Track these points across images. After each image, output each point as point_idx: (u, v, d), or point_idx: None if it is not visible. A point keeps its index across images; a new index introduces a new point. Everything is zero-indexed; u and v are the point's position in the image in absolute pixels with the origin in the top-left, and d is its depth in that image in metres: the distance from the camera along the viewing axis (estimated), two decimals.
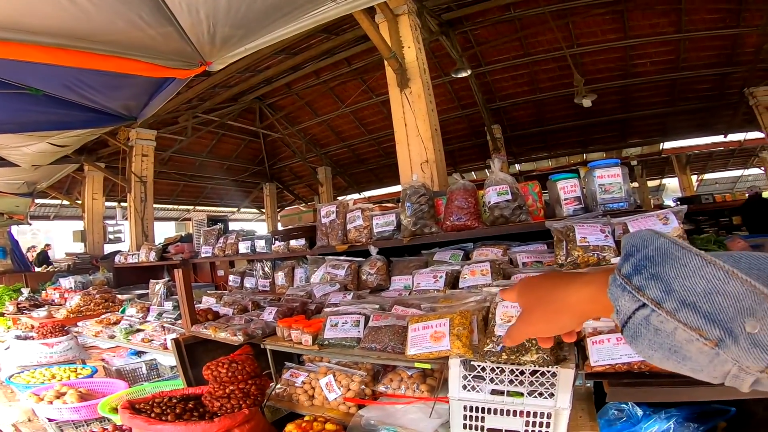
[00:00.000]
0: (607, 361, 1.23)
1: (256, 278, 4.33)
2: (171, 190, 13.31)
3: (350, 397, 1.98)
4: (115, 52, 2.33)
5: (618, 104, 10.02)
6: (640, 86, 9.36)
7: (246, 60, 6.80)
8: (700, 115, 10.34)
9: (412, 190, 3.01)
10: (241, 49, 2.60)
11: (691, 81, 9.09)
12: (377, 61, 8.05)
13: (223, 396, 1.91)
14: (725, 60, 8.38)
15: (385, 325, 1.92)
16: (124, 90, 3.06)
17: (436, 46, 7.89)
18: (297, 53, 7.74)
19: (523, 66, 9.14)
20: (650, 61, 8.65)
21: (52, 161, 5.57)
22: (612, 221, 2.30)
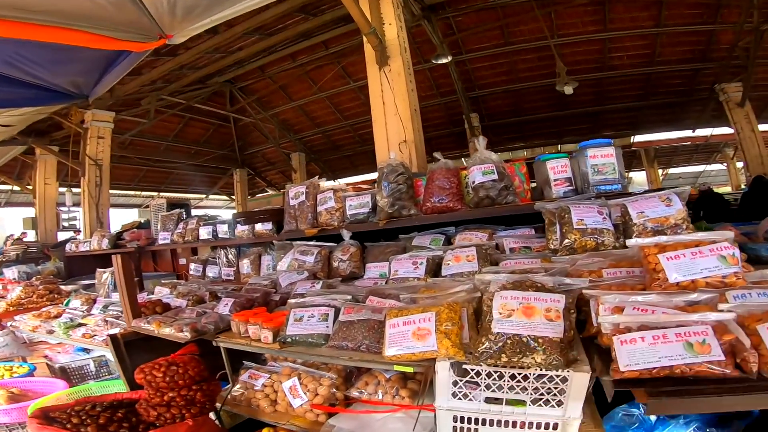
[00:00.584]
0: (642, 365, 0.98)
1: (220, 267, 3.96)
2: (133, 175, 12.53)
3: (318, 404, 1.69)
4: (57, 22, 2.10)
5: (593, 96, 10.13)
6: (615, 79, 9.49)
7: (216, 40, 6.39)
8: (671, 110, 10.62)
9: (390, 169, 2.71)
10: (206, 21, 2.36)
11: (664, 76, 9.25)
12: (356, 45, 7.78)
13: (160, 404, 1.58)
14: (699, 56, 8.52)
15: (358, 320, 1.63)
16: (72, 65, 2.78)
17: (417, 31, 7.70)
18: (272, 34, 7.27)
19: (504, 55, 9.08)
20: (627, 54, 8.75)
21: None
22: (609, 203, 2.09)
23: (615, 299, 1.16)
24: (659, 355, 0.97)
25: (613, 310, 1.15)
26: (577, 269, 1.63)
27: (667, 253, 1.25)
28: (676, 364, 0.96)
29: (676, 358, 0.96)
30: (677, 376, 0.97)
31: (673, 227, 1.80)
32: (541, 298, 1.22)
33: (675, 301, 1.12)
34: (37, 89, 2.85)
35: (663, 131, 12.20)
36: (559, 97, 9.64)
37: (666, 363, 0.96)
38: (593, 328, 1.31)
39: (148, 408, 1.60)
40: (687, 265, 1.22)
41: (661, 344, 0.98)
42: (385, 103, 4.14)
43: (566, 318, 1.20)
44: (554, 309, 1.19)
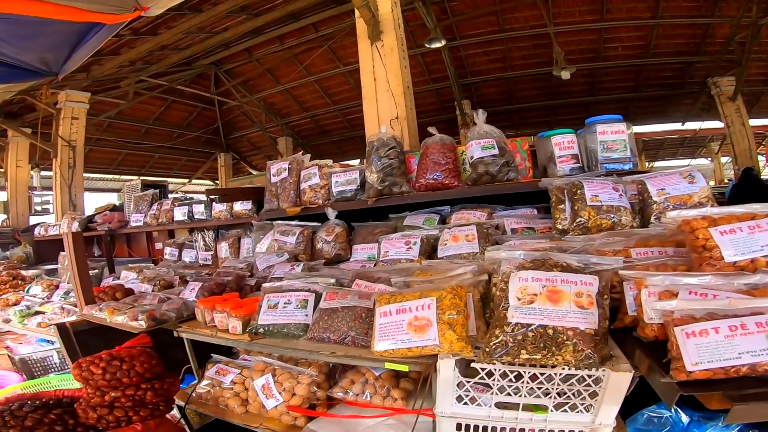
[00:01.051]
0: (716, 362, 0.74)
1: (197, 250, 3.68)
2: (112, 158, 12.01)
3: (295, 406, 1.44)
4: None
5: (585, 86, 10.04)
6: (609, 70, 9.41)
7: (200, 18, 6.04)
8: (662, 102, 10.60)
9: (380, 143, 2.46)
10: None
11: (657, 68, 9.19)
12: (347, 27, 7.51)
13: (102, 405, 1.31)
14: (693, 49, 8.47)
15: (342, 307, 1.38)
16: (39, 40, 2.55)
17: (411, 15, 7.45)
18: (259, 14, 6.93)
19: (498, 42, 8.90)
20: (622, 45, 8.65)
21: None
22: (623, 179, 1.90)
23: (664, 281, 0.93)
24: (740, 349, 0.74)
25: (661, 296, 0.92)
26: (599, 249, 1.40)
27: (720, 227, 1.02)
28: (760, 360, 0.73)
29: (760, 353, 0.73)
30: (758, 375, 0.74)
31: (696, 206, 1.60)
32: (570, 279, 0.98)
33: (737, 284, 0.89)
34: (3, 66, 2.64)
35: (653, 123, 12.28)
36: (551, 86, 9.57)
37: (748, 360, 0.73)
38: (627, 317, 1.08)
39: (87, 409, 1.34)
40: (745, 240, 0.99)
41: (740, 336, 0.75)
42: (377, 79, 3.90)
43: (600, 305, 0.97)
44: (586, 293, 0.96)
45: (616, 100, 10.53)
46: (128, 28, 5.69)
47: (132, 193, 4.62)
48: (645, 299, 0.94)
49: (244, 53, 9.24)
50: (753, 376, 0.76)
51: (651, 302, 0.91)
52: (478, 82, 10.17)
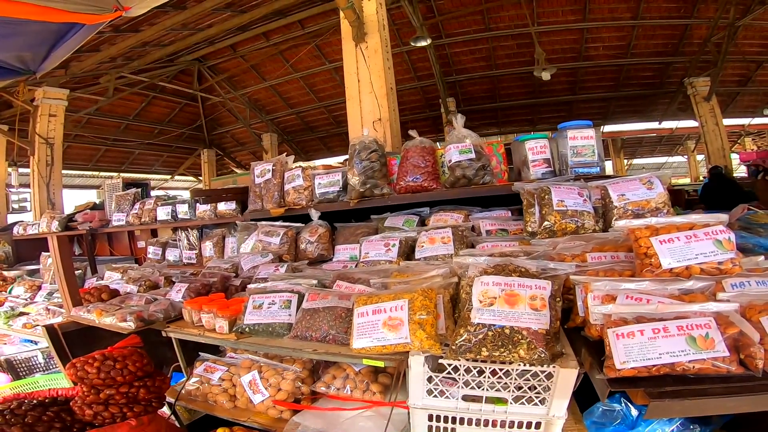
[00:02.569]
0: (641, 362, 0.86)
1: (181, 249, 3.70)
2: (90, 155, 11.77)
3: (281, 400, 1.53)
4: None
5: (567, 86, 10.29)
6: (590, 69, 9.65)
7: (184, 15, 5.99)
8: (640, 101, 10.91)
9: (362, 146, 2.54)
10: None
11: (637, 68, 9.46)
12: (333, 24, 7.54)
13: (97, 402, 1.38)
14: (672, 49, 8.73)
15: (323, 307, 1.47)
16: (16, 39, 2.50)
17: (397, 13, 7.57)
18: (245, 11, 6.88)
19: (483, 41, 9.06)
20: (603, 45, 8.89)
21: None
22: (589, 185, 2.01)
23: (605, 286, 1.05)
24: (660, 350, 0.86)
25: (603, 299, 1.04)
26: (560, 253, 1.53)
27: (661, 236, 1.15)
28: (679, 361, 0.85)
29: (679, 354, 0.85)
30: (677, 374, 0.86)
31: (653, 211, 1.73)
32: (526, 284, 1.09)
33: (670, 289, 1.02)
34: None
35: (631, 122, 12.64)
36: (534, 85, 9.79)
37: (668, 360, 0.85)
38: (578, 318, 1.21)
39: (83, 407, 1.40)
40: (681, 249, 1.12)
41: (661, 338, 0.87)
42: (360, 81, 3.97)
43: (552, 307, 1.09)
44: (539, 297, 1.07)
45: (596, 99, 10.84)
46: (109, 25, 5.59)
47: (113, 192, 4.59)
48: (590, 302, 1.06)
49: (228, 50, 9.21)
50: (673, 375, 0.88)
51: (594, 305, 1.03)
52: (462, 80, 10.33)
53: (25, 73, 2.82)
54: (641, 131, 13.40)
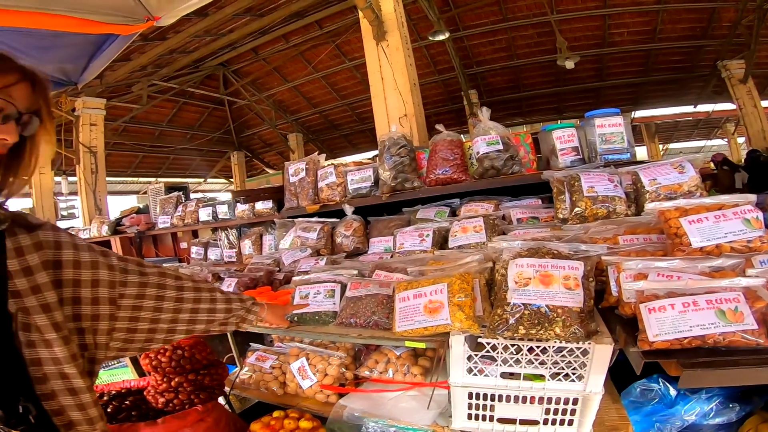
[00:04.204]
0: (672, 334, 0.91)
1: (221, 248, 3.90)
2: (129, 161, 12.39)
3: (328, 385, 1.65)
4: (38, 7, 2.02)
5: (593, 72, 10.03)
6: (615, 56, 9.38)
7: (206, 22, 6.23)
8: (672, 86, 10.51)
9: (392, 142, 2.62)
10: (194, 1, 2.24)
11: (665, 52, 9.15)
12: (351, 23, 7.65)
13: (168, 390, 1.54)
14: (700, 33, 8.40)
15: (365, 295, 1.57)
16: (57, 51, 2.70)
17: (413, 8, 7.52)
18: (263, 14, 7.07)
19: (502, 31, 8.93)
20: (628, 30, 8.63)
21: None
22: (619, 171, 2.02)
23: (637, 265, 1.10)
24: (691, 323, 0.91)
25: (635, 277, 1.09)
26: (591, 237, 1.57)
27: (690, 217, 1.18)
28: (709, 333, 0.90)
29: (709, 326, 0.90)
30: (709, 346, 0.91)
31: (686, 194, 1.73)
32: (559, 265, 1.15)
33: (700, 267, 1.05)
34: None
35: (664, 107, 12.17)
36: (558, 73, 9.59)
37: (698, 332, 0.90)
38: (612, 297, 1.26)
39: (156, 395, 1.56)
40: (710, 228, 1.15)
41: (692, 312, 0.92)
42: (384, 78, 4.06)
43: (585, 287, 1.14)
44: (573, 277, 1.13)
45: (624, 85, 10.51)
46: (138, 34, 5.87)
47: (157, 196, 4.86)
48: (623, 280, 1.11)
49: (250, 53, 9.46)
50: (705, 347, 0.92)
51: (627, 283, 1.08)
52: (484, 72, 10.22)
53: (68, 84, 2.99)
54: (675, 115, 12.85)
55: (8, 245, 0.82)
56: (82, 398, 0.86)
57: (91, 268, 0.91)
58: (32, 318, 0.81)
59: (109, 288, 0.93)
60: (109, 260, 0.94)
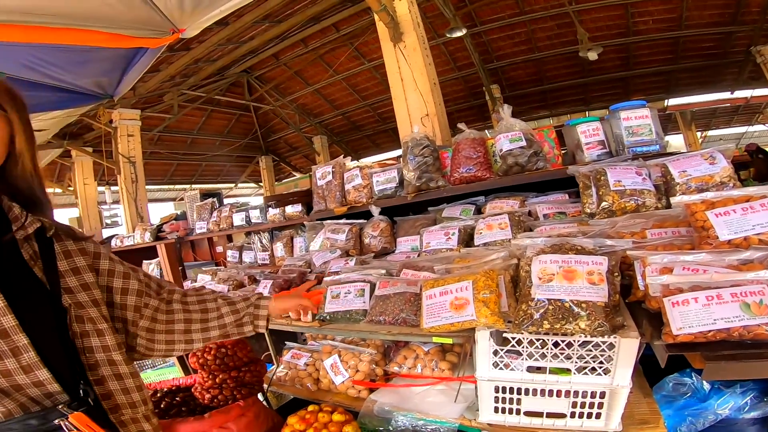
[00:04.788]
0: (697, 328, 0.92)
1: (255, 251, 4.06)
2: (165, 170, 12.94)
3: (359, 380, 1.72)
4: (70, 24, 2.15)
5: (620, 62, 9.71)
6: (642, 44, 9.06)
7: (227, 31, 6.43)
8: (705, 72, 10.06)
9: (414, 142, 2.67)
10: (216, 12, 2.36)
11: (694, 39, 8.78)
12: (367, 24, 7.70)
13: (213, 387, 1.66)
14: (729, 19, 8.00)
15: (394, 293, 1.63)
16: (92, 65, 2.86)
17: (428, 6, 7.50)
18: (281, 20, 7.25)
19: (521, 25, 8.77)
20: (652, 19, 8.32)
21: None
22: (647, 163, 1.99)
23: (663, 259, 1.11)
24: (714, 316, 0.91)
25: (661, 271, 1.09)
26: (618, 231, 1.57)
27: (716, 210, 1.17)
28: (734, 326, 0.90)
29: (733, 320, 0.90)
30: (734, 339, 0.91)
31: (718, 185, 1.69)
32: (582, 260, 1.17)
33: (728, 260, 1.05)
34: (63, 92, 2.94)
35: (698, 94, 11.58)
36: (583, 64, 9.31)
37: (722, 325, 0.91)
38: (639, 291, 1.26)
39: (203, 391, 1.68)
40: (738, 221, 1.14)
41: (715, 305, 0.92)
42: (404, 79, 4.10)
43: (610, 281, 1.16)
44: (597, 272, 1.15)
45: (654, 73, 10.12)
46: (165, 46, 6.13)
47: (193, 203, 5.10)
48: (648, 275, 1.12)
49: (272, 59, 9.65)
50: (731, 340, 0.92)
51: (652, 277, 1.09)
52: (505, 66, 10.05)
53: (104, 97, 3.17)
54: (711, 102, 12.22)
55: (57, 249, 0.96)
56: (126, 383, 0.99)
57: (123, 278, 1.07)
58: (85, 311, 0.94)
59: (137, 296, 1.09)
60: (138, 275, 1.12)
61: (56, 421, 0.82)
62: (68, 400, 0.85)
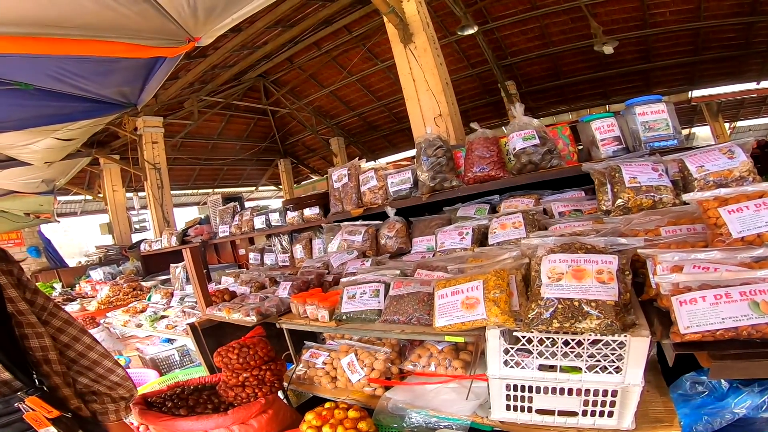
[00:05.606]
0: (704, 327, 0.92)
1: (275, 253, 4.18)
2: (188, 175, 13.31)
3: (375, 378, 1.77)
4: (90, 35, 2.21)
5: (638, 54, 9.44)
6: (661, 36, 8.79)
7: (241, 37, 6.58)
8: (728, 63, 9.67)
9: (427, 143, 2.69)
10: (228, 20, 2.43)
11: (714, 30, 8.48)
12: (378, 25, 7.69)
13: (237, 384, 1.74)
14: (749, 9, 7.72)
15: (407, 293, 1.67)
16: (115, 75, 2.95)
17: (437, 4, 7.50)
18: (293, 24, 7.37)
19: (533, 20, 8.64)
20: (669, 11, 8.08)
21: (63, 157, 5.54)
22: (664, 159, 1.96)
23: (673, 257, 1.10)
24: (723, 315, 0.91)
25: (672, 270, 1.09)
26: (632, 229, 1.56)
27: (729, 206, 1.16)
28: (742, 325, 0.90)
29: (741, 318, 0.90)
30: (743, 338, 0.91)
31: (737, 180, 1.66)
32: (592, 259, 1.18)
33: (740, 258, 1.04)
34: (89, 102, 3.06)
35: (723, 85, 11.14)
36: (600, 57, 9.08)
37: (730, 324, 0.90)
38: (652, 290, 1.26)
39: (227, 389, 1.76)
40: (751, 217, 1.12)
41: (723, 304, 0.92)
42: (416, 80, 4.11)
43: (620, 280, 1.16)
44: (606, 270, 1.16)
45: (675, 65, 9.79)
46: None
47: (216, 208, 5.27)
48: (658, 273, 1.12)
49: (286, 62, 9.81)
50: (739, 339, 0.92)
51: (661, 276, 1.09)
52: (519, 62, 9.90)
53: (128, 105, 3.30)
54: (737, 93, 11.76)
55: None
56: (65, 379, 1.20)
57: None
58: (25, 317, 1.16)
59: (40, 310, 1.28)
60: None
61: (16, 404, 1.03)
62: (24, 387, 1.05)
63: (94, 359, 1.33)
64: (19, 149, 4.60)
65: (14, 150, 4.59)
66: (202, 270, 2.29)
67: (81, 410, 1.22)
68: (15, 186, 5.87)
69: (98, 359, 1.34)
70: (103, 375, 1.34)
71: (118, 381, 1.36)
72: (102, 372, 1.34)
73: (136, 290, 5.17)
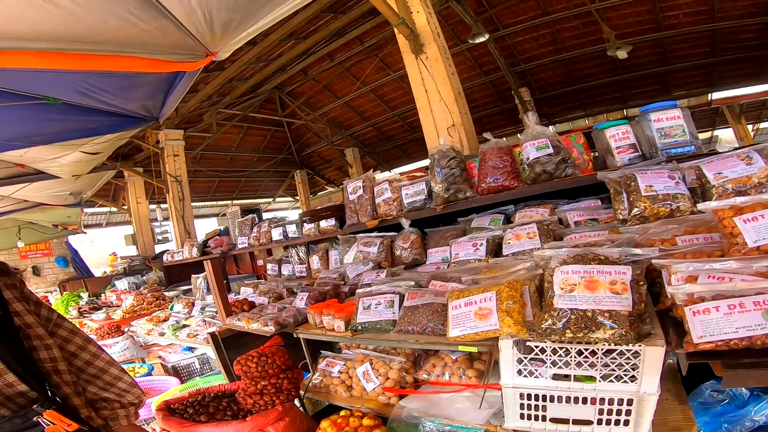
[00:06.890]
0: (717, 336, 0.92)
1: (293, 264, 4.25)
2: (208, 187, 13.65)
3: (390, 387, 1.79)
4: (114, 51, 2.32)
5: (655, 57, 9.31)
6: (677, 38, 8.67)
7: (256, 50, 6.79)
8: (749, 64, 9.44)
9: (441, 155, 2.72)
10: (244, 34, 2.52)
11: (732, 31, 8.32)
12: (390, 35, 7.80)
13: (255, 392, 1.78)
14: (764, 9, 7.58)
15: (422, 304, 1.69)
16: (138, 90, 3.07)
17: (448, 13, 7.57)
18: (306, 37, 7.57)
19: (544, 26, 8.63)
20: (682, 13, 7.98)
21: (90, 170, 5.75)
22: (681, 166, 1.93)
23: (688, 268, 1.10)
24: (736, 325, 0.91)
25: (686, 280, 1.09)
26: (648, 238, 1.55)
27: (744, 215, 1.15)
28: (756, 334, 0.89)
29: (755, 328, 0.90)
30: (758, 347, 0.91)
31: (756, 186, 1.62)
32: (605, 270, 1.19)
33: (755, 267, 1.03)
34: (114, 116, 3.18)
35: (744, 86, 10.85)
36: (616, 61, 8.98)
37: (744, 334, 0.90)
38: (667, 300, 1.25)
39: (246, 397, 1.81)
40: (767, 226, 1.12)
41: (737, 314, 0.92)
42: (428, 91, 4.13)
43: (635, 290, 1.17)
44: (620, 281, 1.16)
45: (693, 67, 9.62)
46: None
47: (235, 219, 5.39)
48: (673, 283, 1.12)
49: (300, 74, 9.99)
50: (754, 348, 0.92)
51: (675, 286, 1.09)
52: (532, 68, 9.89)
53: (151, 119, 3.36)
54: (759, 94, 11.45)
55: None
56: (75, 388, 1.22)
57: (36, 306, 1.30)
58: (32, 330, 1.18)
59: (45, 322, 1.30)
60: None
61: (35, 418, 1.04)
62: (39, 398, 1.07)
63: (101, 367, 1.36)
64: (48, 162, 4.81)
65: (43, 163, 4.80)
66: (222, 281, 2.36)
67: (92, 419, 1.25)
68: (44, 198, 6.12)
69: (105, 367, 1.37)
70: (111, 382, 1.37)
71: (126, 388, 1.39)
72: (110, 379, 1.37)
73: (159, 300, 5.31)
